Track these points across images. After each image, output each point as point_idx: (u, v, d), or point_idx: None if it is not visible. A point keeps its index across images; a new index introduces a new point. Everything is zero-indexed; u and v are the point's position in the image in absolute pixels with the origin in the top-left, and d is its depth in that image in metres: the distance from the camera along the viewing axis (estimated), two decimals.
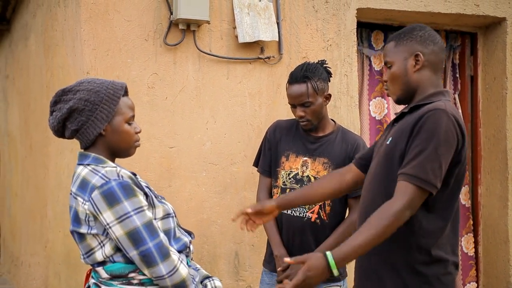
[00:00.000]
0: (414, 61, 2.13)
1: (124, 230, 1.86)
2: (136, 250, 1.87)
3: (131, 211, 1.87)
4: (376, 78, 4.05)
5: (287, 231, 2.84)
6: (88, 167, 1.96)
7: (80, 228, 1.94)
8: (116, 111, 1.99)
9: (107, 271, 1.94)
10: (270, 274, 2.91)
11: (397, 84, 2.17)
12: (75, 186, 1.97)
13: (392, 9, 3.80)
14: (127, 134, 2.02)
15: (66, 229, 3.78)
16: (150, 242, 1.87)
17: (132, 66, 3.23)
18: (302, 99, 2.77)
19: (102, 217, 1.87)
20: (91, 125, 1.96)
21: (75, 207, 1.95)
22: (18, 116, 5.57)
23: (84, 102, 1.94)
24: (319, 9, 3.63)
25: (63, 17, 3.63)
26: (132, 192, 1.89)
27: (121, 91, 2.00)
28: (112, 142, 2.01)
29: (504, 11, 4.07)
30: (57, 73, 3.91)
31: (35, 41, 4.64)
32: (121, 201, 1.86)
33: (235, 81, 3.43)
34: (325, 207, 2.83)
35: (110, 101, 1.97)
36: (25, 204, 5.23)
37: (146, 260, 1.87)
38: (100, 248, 1.93)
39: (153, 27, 3.27)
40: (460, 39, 4.30)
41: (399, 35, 2.18)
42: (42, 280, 4.53)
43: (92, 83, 1.98)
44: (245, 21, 3.38)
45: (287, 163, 2.86)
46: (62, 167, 3.82)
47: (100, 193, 1.87)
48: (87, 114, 1.95)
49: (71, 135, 2.01)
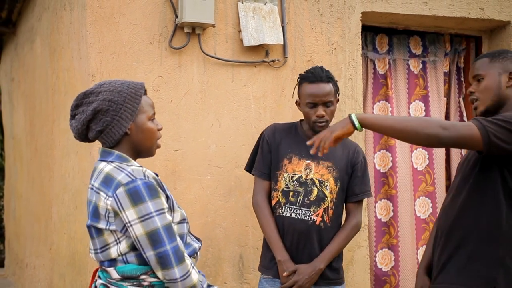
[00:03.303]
0: (508, 78, 2.39)
1: (145, 230, 1.88)
2: (153, 251, 1.88)
3: (153, 212, 1.89)
4: (380, 81, 4.05)
5: (291, 235, 2.82)
6: (112, 164, 1.98)
7: (98, 223, 1.95)
8: (139, 110, 2.02)
9: (119, 271, 1.95)
10: (272, 280, 2.87)
11: (489, 95, 2.40)
12: (98, 181, 1.98)
13: (397, 12, 3.80)
14: (151, 131, 2.06)
15: (71, 231, 3.80)
16: (168, 245, 1.89)
17: (137, 69, 3.24)
18: (327, 98, 2.79)
19: (124, 214, 1.88)
20: (116, 124, 1.99)
21: (95, 201, 1.96)
22: (23, 119, 5.59)
23: (108, 102, 1.97)
24: (324, 12, 3.64)
25: (69, 20, 3.65)
26: (156, 193, 1.92)
27: (142, 90, 2.04)
28: (136, 140, 2.04)
29: (509, 14, 4.07)
30: (62, 76, 3.92)
31: (40, 44, 4.66)
32: (145, 200, 1.88)
33: (240, 84, 3.44)
34: (328, 210, 2.83)
35: (133, 100, 2.00)
36: (30, 206, 5.24)
37: (162, 261, 1.89)
38: (116, 245, 1.94)
39: (159, 31, 3.28)
40: (464, 43, 4.30)
41: (494, 53, 2.45)
42: (46, 282, 4.54)
43: (113, 84, 2.01)
44: (250, 24, 3.39)
45: (290, 165, 2.86)
46: (67, 169, 3.83)
47: (125, 190, 1.89)
48: (111, 114, 1.97)
49: (95, 136, 2.02)
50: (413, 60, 4.13)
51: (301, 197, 2.83)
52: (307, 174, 2.84)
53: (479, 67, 2.44)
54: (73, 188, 3.71)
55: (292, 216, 2.82)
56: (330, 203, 2.83)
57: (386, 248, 4.00)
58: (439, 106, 4.17)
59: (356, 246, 3.65)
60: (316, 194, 2.82)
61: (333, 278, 2.87)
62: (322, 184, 2.83)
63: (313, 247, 2.82)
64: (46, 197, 4.53)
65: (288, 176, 2.85)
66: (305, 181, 2.83)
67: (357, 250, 3.66)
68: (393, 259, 3.98)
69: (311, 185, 2.82)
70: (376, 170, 4.02)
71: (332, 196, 2.84)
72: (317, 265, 2.78)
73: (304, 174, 2.84)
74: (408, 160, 4.08)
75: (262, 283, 2.91)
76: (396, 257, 3.98)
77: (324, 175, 2.84)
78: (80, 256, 3.58)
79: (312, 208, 2.81)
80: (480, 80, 2.42)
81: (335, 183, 2.85)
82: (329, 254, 2.81)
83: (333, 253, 2.82)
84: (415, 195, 4.06)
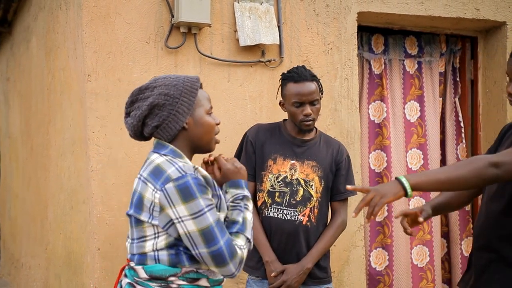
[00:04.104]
0: None
1: (197, 227, 1.84)
2: (207, 248, 1.85)
3: (205, 208, 1.85)
4: (375, 81, 4.06)
5: (279, 236, 2.82)
6: (165, 156, 1.94)
7: (140, 214, 1.91)
8: (196, 103, 1.98)
9: (147, 271, 1.91)
10: (260, 282, 2.86)
11: None
12: (147, 171, 1.93)
13: (393, 13, 3.81)
14: (210, 125, 2.03)
15: (67, 231, 3.79)
16: (221, 240, 1.86)
17: (133, 69, 3.24)
18: (313, 97, 2.79)
19: (174, 209, 1.84)
20: (173, 119, 1.95)
21: (140, 192, 1.92)
22: (19, 118, 5.58)
23: (164, 96, 1.93)
24: (320, 12, 3.64)
25: (65, 19, 3.64)
26: (206, 189, 1.88)
27: (198, 83, 2.00)
28: (194, 135, 2.00)
29: (504, 15, 4.08)
30: (58, 75, 3.92)
31: (36, 44, 4.65)
32: (196, 197, 1.85)
33: (236, 84, 3.44)
34: (314, 209, 2.84)
35: (189, 94, 1.96)
36: (26, 206, 5.23)
37: (217, 259, 1.86)
38: (153, 239, 1.90)
39: (155, 30, 3.28)
40: (460, 43, 4.31)
41: None
42: (42, 282, 4.54)
43: (168, 79, 1.97)
44: (246, 24, 3.40)
45: (274, 166, 2.85)
46: (63, 169, 3.83)
47: (175, 186, 1.84)
48: (168, 108, 1.93)
49: (151, 132, 1.99)
50: (409, 60, 4.14)
51: (287, 197, 2.83)
52: (292, 174, 2.84)
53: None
54: (69, 188, 3.70)
55: (279, 216, 2.82)
56: (316, 202, 2.84)
57: (380, 248, 4.01)
58: (434, 106, 4.18)
59: (352, 246, 3.66)
60: (302, 194, 2.83)
61: (322, 277, 2.89)
62: (308, 184, 2.84)
63: (300, 247, 2.82)
64: (42, 197, 4.52)
65: (273, 176, 2.84)
66: (290, 181, 2.83)
67: (352, 250, 3.67)
68: (387, 259, 3.99)
69: (296, 185, 2.82)
70: (371, 170, 4.03)
71: (317, 196, 2.85)
72: (305, 265, 2.79)
73: (289, 174, 2.84)
74: (403, 160, 4.09)
75: (251, 284, 2.90)
76: (390, 257, 3.99)
77: (309, 174, 2.84)
78: (75, 256, 3.58)
79: (299, 208, 2.82)
80: None
81: (320, 182, 2.86)
82: (317, 253, 2.82)
83: (320, 252, 2.83)
84: None
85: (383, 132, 4.02)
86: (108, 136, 3.18)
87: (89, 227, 3.23)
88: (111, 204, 3.17)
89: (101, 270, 3.14)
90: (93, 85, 3.16)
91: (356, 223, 3.67)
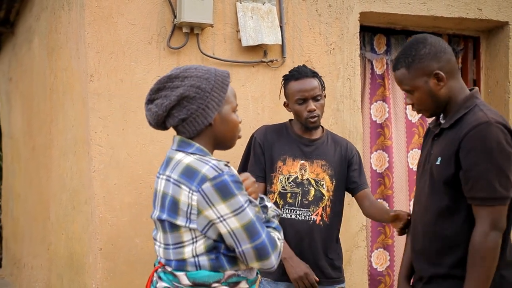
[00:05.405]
0: (436, 79, 2.11)
1: (241, 223, 1.79)
2: (251, 243, 1.80)
3: (244, 204, 1.81)
4: (377, 82, 4.06)
5: (294, 236, 2.81)
6: (193, 156, 1.86)
7: (176, 219, 1.82)
8: (225, 100, 1.91)
9: (190, 278, 1.83)
10: (274, 283, 2.84)
11: (427, 104, 2.17)
12: (176, 172, 1.84)
13: (395, 13, 3.80)
14: (235, 123, 1.96)
15: (69, 231, 3.79)
16: (263, 233, 1.82)
17: (136, 69, 3.24)
18: (315, 92, 2.80)
19: (215, 209, 1.78)
20: (202, 113, 1.87)
21: (173, 195, 1.83)
22: (21, 119, 5.58)
23: (195, 89, 1.85)
24: (322, 13, 3.64)
25: (67, 20, 3.64)
26: (241, 185, 1.84)
27: (229, 78, 1.92)
28: (219, 132, 1.93)
29: (507, 15, 4.08)
30: (60, 76, 3.92)
31: (38, 44, 4.66)
32: (235, 194, 1.79)
33: (238, 84, 3.44)
34: (326, 208, 2.84)
35: (220, 89, 1.89)
36: (28, 206, 5.24)
37: (261, 253, 1.81)
38: (192, 244, 1.83)
39: (157, 30, 3.28)
40: (462, 43, 4.31)
41: (406, 59, 2.13)
42: (44, 282, 4.54)
43: (199, 70, 1.89)
44: (249, 24, 3.39)
45: (284, 167, 2.85)
46: (65, 169, 3.83)
47: (213, 185, 1.78)
48: (198, 102, 1.85)
49: (176, 124, 1.90)
50: None
51: (299, 198, 2.83)
52: (302, 174, 2.84)
53: (401, 81, 2.20)
54: (71, 188, 3.70)
55: (292, 217, 2.82)
56: (328, 201, 2.85)
57: (381, 248, 4.01)
58: None
59: (354, 247, 3.66)
60: (314, 193, 2.83)
61: (336, 276, 2.90)
62: (319, 183, 2.84)
63: (316, 247, 2.83)
64: (44, 197, 4.52)
65: (284, 178, 2.84)
66: (301, 182, 2.83)
67: (355, 251, 3.66)
68: (388, 259, 3.99)
69: (307, 185, 2.83)
70: (372, 170, 4.02)
71: (329, 194, 2.85)
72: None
73: (300, 175, 2.84)
74: (404, 161, 4.09)
75: (264, 286, 2.89)
76: (391, 257, 3.99)
77: (319, 174, 2.85)
78: (78, 256, 3.58)
79: (311, 208, 2.82)
80: (412, 93, 2.18)
81: (331, 181, 2.86)
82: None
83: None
84: (410, 196, 4.07)
85: (384, 132, 4.02)
86: (110, 137, 3.18)
87: (91, 228, 3.23)
88: (113, 205, 3.17)
89: (103, 270, 3.14)
90: (95, 85, 3.16)
91: (358, 224, 3.66)
